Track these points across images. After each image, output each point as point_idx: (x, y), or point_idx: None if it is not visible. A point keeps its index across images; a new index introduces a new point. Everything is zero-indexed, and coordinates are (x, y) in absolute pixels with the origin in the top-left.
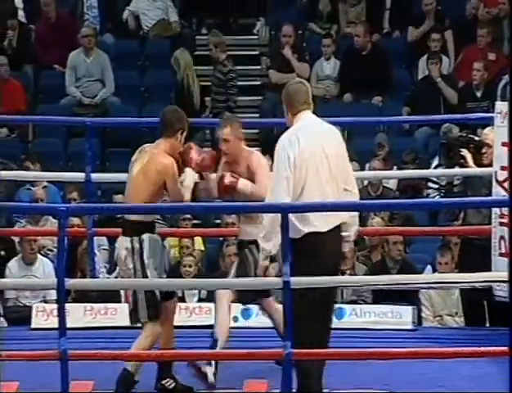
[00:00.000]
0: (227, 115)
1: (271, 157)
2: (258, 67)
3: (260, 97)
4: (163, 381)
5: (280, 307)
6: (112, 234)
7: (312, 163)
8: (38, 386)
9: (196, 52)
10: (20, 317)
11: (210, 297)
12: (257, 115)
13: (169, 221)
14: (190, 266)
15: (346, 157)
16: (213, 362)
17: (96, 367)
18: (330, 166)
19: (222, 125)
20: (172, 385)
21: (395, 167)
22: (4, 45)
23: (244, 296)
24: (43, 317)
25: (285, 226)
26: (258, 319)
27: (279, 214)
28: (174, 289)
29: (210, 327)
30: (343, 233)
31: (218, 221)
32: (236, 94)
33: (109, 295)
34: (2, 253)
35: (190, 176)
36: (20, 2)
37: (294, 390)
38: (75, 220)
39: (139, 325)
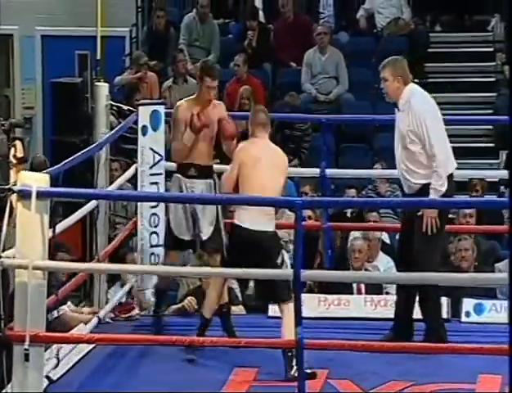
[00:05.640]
0: None
1: None
2: (493, 63)
3: (494, 94)
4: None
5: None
6: (345, 228)
7: None
8: (275, 372)
9: (430, 49)
10: (259, 305)
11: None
12: (490, 112)
13: None
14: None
15: None
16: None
17: (328, 356)
18: None
19: None
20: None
21: None
22: (244, 45)
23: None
24: None
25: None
26: (490, 315)
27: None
28: None
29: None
30: None
31: None
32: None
33: (341, 287)
34: None
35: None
36: (260, 3)
37: None
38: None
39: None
